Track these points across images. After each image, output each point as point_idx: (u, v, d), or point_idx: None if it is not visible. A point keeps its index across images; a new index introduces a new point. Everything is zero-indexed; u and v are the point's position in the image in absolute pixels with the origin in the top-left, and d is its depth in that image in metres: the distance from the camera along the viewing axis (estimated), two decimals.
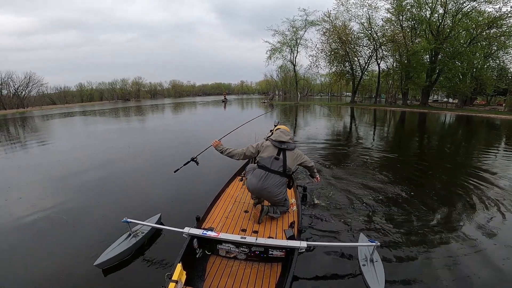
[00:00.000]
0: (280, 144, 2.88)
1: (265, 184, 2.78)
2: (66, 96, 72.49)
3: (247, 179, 3.01)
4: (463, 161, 6.70)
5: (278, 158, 2.84)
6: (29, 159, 7.46)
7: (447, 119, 18.02)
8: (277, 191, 2.79)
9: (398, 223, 3.29)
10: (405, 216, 3.46)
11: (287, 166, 2.83)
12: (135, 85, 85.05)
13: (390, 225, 3.23)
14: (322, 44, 32.83)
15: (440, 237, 2.98)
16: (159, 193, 4.41)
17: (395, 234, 3.04)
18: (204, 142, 3.59)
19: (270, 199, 2.87)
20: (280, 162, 2.83)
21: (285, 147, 2.88)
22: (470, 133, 12.51)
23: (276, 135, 2.98)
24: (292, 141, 3.02)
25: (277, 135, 2.98)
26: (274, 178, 2.79)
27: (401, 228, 3.16)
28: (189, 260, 2.22)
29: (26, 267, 2.62)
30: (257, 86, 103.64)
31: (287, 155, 2.87)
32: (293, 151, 2.93)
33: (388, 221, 3.32)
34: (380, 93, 49.21)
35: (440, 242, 2.88)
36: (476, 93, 29.80)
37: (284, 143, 2.89)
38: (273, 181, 2.78)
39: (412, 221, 3.34)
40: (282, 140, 2.90)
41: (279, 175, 2.81)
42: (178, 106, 33.77)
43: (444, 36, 23.40)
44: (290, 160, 2.86)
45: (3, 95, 50.58)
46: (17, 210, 3.91)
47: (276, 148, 2.89)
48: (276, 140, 2.92)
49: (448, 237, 2.98)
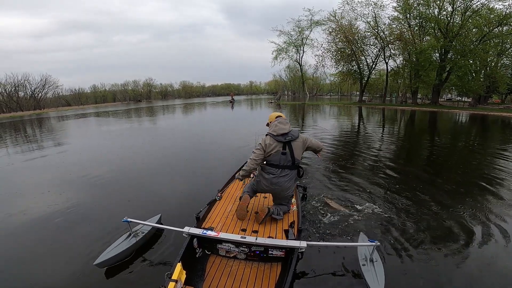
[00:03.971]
0: (283, 137, 2.66)
1: (277, 181, 2.72)
2: (81, 98, 74.87)
3: (255, 180, 2.93)
4: (471, 161, 6.45)
5: (285, 153, 2.67)
6: (33, 159, 7.75)
7: (458, 118, 17.50)
8: (288, 185, 2.75)
9: (398, 223, 3.26)
10: (406, 217, 3.41)
11: (295, 158, 2.70)
12: (147, 86, 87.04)
13: (391, 225, 3.20)
14: (328, 43, 32.85)
15: (441, 238, 2.94)
16: (161, 194, 4.41)
17: (395, 234, 3.00)
18: (210, 142, 3.54)
19: (281, 194, 2.80)
20: (288, 156, 2.68)
21: (289, 139, 2.67)
22: (482, 132, 12.04)
23: (276, 128, 2.71)
24: (292, 127, 2.80)
25: (276, 128, 2.71)
26: (285, 173, 2.72)
27: (401, 228, 3.13)
28: (189, 260, 2.23)
29: (25, 266, 2.66)
30: (266, 86, 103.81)
31: (293, 146, 2.69)
32: (298, 140, 2.73)
33: (388, 221, 3.29)
34: (391, 92, 48.61)
35: (441, 243, 2.84)
36: (490, 92, 29.03)
37: (287, 135, 2.67)
38: (284, 176, 2.72)
39: (413, 222, 3.29)
40: (284, 132, 2.67)
41: (288, 169, 2.73)
42: (188, 107, 34.08)
43: (453, 34, 22.95)
44: (297, 151, 2.72)
45: (20, 97, 52.66)
46: (18, 210, 3.98)
47: (280, 143, 2.68)
48: (278, 134, 2.68)
49: (449, 238, 2.94)
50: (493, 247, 2.77)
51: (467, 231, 3.07)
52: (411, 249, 2.74)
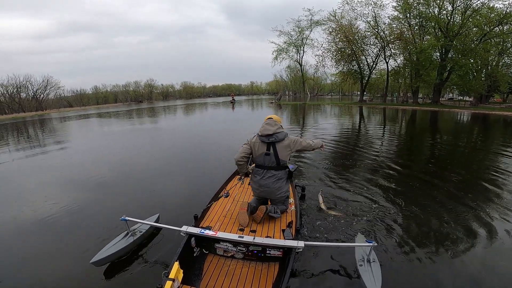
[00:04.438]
0: (267, 138, 2.71)
1: (265, 182, 2.74)
2: (82, 99, 75.28)
3: (250, 184, 2.98)
4: (472, 160, 6.42)
5: (269, 154, 2.71)
6: (34, 158, 7.92)
7: (460, 118, 17.46)
8: (277, 186, 2.74)
9: (397, 223, 3.25)
10: (404, 217, 3.40)
11: (280, 159, 2.71)
12: (148, 87, 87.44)
13: (389, 225, 3.19)
14: (328, 43, 32.88)
15: (439, 238, 2.94)
16: (160, 194, 4.44)
17: (393, 235, 3.00)
18: (210, 143, 3.52)
19: (272, 195, 2.81)
20: (271, 157, 2.71)
21: (273, 140, 2.70)
22: (484, 131, 12.00)
23: (262, 129, 2.78)
24: (282, 129, 2.81)
25: (262, 128, 2.78)
26: (271, 174, 2.74)
27: (399, 229, 3.13)
28: (186, 259, 2.22)
29: (22, 263, 2.68)
30: (267, 87, 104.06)
31: (277, 147, 2.71)
32: (284, 141, 2.73)
33: (386, 222, 3.28)
34: (393, 92, 48.55)
35: (439, 243, 2.84)
36: (491, 91, 28.97)
37: (272, 136, 2.70)
38: (271, 177, 2.73)
39: (411, 222, 3.28)
40: (268, 134, 2.71)
41: (274, 169, 2.74)
42: (189, 107, 34.19)
43: (453, 33, 22.95)
44: (282, 152, 2.72)
45: (22, 98, 52.99)
46: (18, 209, 4.04)
47: (264, 144, 2.73)
48: (262, 134, 2.73)
49: (447, 238, 2.94)
50: (493, 248, 2.75)
51: (466, 231, 3.06)
52: (409, 249, 2.74)
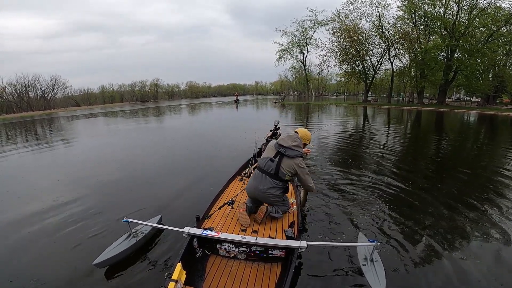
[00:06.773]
0: (279, 147, 2.79)
1: (259, 185, 2.76)
2: (89, 98, 76.36)
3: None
4: (477, 161, 6.39)
5: (273, 160, 2.76)
6: (38, 159, 8.12)
7: (466, 118, 17.29)
8: (270, 193, 2.74)
9: (399, 223, 3.24)
10: (407, 217, 3.39)
11: (279, 170, 2.73)
12: (153, 87, 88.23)
13: (391, 225, 3.19)
14: (332, 43, 32.77)
15: (441, 238, 2.93)
16: (163, 194, 4.41)
17: (396, 234, 2.99)
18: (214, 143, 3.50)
19: (265, 200, 2.81)
20: (273, 164, 2.74)
21: (283, 152, 2.75)
22: (491, 132, 11.90)
23: (282, 137, 2.90)
24: (300, 148, 2.84)
25: (281, 137, 2.90)
26: (267, 179, 2.75)
27: (402, 228, 3.12)
28: (189, 260, 2.23)
29: (23, 263, 2.69)
30: (272, 87, 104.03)
31: (283, 160, 2.75)
32: (292, 160, 2.75)
33: (388, 221, 3.28)
34: (399, 92, 48.16)
35: (442, 242, 2.84)
36: (498, 91, 28.64)
37: (284, 148, 2.77)
38: (266, 183, 2.75)
39: (414, 222, 3.27)
40: (282, 144, 2.79)
41: (269, 176, 2.75)
42: (194, 107, 34.25)
43: (459, 33, 22.75)
44: (285, 167, 2.73)
45: (30, 97, 53.95)
46: (19, 208, 4.06)
47: (275, 150, 2.81)
48: (278, 142, 2.85)
49: (451, 237, 2.94)
50: (496, 248, 2.74)
51: (469, 231, 3.04)
52: (411, 248, 2.73)
